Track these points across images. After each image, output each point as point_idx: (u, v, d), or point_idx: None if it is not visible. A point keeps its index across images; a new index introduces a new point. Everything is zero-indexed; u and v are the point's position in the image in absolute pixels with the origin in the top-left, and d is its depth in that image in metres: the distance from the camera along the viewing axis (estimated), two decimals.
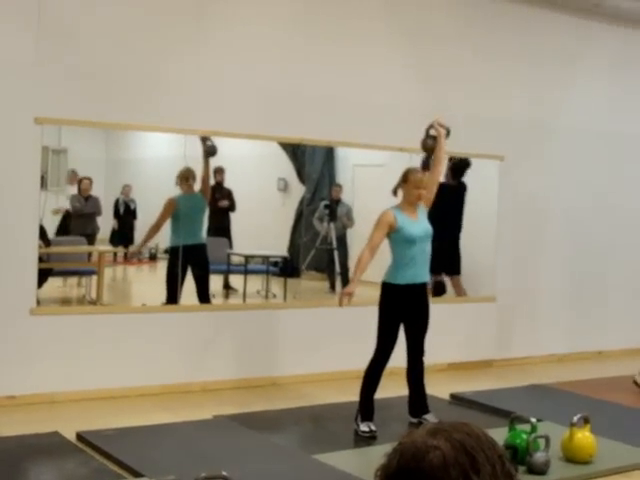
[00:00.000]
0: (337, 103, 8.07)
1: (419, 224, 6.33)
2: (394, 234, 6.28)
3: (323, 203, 10.12)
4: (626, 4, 9.48)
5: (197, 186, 8.39)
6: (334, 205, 10.14)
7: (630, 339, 9.70)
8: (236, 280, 9.93)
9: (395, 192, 6.47)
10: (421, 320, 6.43)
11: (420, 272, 6.35)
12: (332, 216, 10.06)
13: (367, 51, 8.23)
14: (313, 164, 9.98)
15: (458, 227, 9.34)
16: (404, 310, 6.33)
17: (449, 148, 7.91)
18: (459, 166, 9.28)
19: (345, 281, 8.53)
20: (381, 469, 1.45)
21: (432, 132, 6.69)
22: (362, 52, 8.19)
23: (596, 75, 9.90)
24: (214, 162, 8.71)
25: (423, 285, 6.41)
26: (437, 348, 7.60)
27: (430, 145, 6.68)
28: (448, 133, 6.70)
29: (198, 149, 8.14)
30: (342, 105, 8.09)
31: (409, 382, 6.58)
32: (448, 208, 9.10)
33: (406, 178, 6.36)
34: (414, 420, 6.54)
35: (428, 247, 6.41)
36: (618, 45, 10.03)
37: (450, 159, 9.02)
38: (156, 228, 8.51)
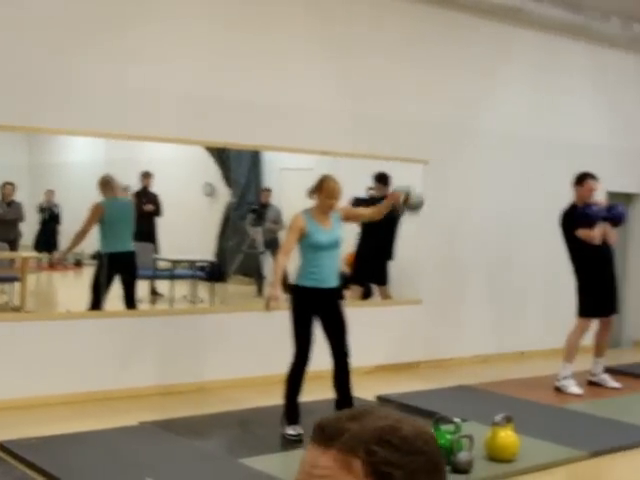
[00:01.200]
0: (261, 107, 8.08)
1: (329, 232, 6.37)
2: (302, 239, 6.34)
3: (248, 207, 10.11)
4: (545, 11, 9.66)
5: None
6: (262, 209, 10.14)
7: (550, 340, 9.86)
8: (163, 285, 9.87)
9: (310, 196, 6.48)
10: (334, 321, 6.47)
11: (327, 277, 6.40)
12: (258, 220, 10.06)
13: (291, 56, 8.25)
14: (240, 168, 9.96)
15: (389, 242, 9.40)
16: (313, 312, 6.40)
17: (372, 151, 8.01)
18: (383, 176, 9.36)
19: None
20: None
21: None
22: (286, 57, 8.21)
23: (518, 80, 10.07)
24: (141, 167, 8.65)
25: (331, 290, 6.46)
26: (364, 351, 7.67)
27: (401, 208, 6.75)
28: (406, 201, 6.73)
29: (122, 153, 8.08)
30: (266, 109, 8.11)
31: (335, 384, 6.60)
32: (380, 223, 9.19)
33: (320, 187, 6.37)
34: None
35: (337, 254, 6.49)
36: (539, 51, 10.21)
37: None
38: (82, 234, 8.41)
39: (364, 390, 7.50)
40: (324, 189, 6.31)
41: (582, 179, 8.42)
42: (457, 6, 9.28)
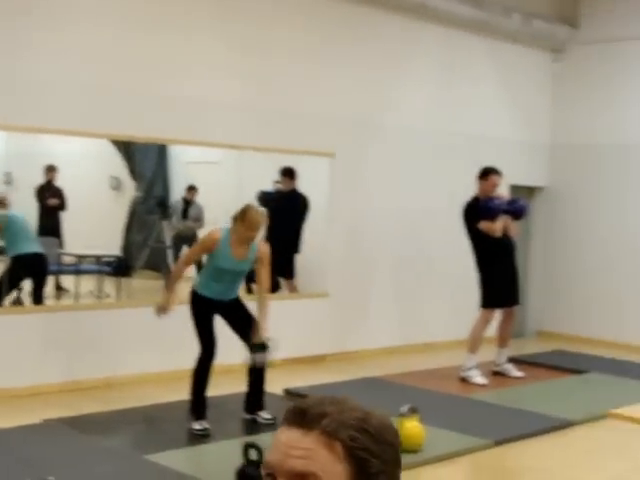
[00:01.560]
0: (167, 100, 8.00)
1: (237, 263, 6.26)
2: (210, 254, 6.31)
3: (155, 201, 10.06)
4: (449, 7, 9.79)
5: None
6: (185, 206, 10.12)
7: (455, 331, 10.02)
8: (68, 280, 9.73)
9: (232, 223, 6.26)
10: (240, 318, 6.48)
11: (224, 293, 6.40)
12: (165, 214, 10.01)
13: (197, 49, 8.19)
14: (146, 162, 9.91)
15: (296, 235, 9.45)
16: (214, 313, 6.42)
17: (280, 145, 8.03)
18: (289, 170, 9.41)
19: None
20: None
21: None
22: (192, 50, 8.14)
23: (423, 75, 10.18)
24: (45, 160, 8.52)
25: (230, 300, 6.46)
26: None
27: (260, 360, 6.46)
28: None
29: (25, 146, 7.94)
30: (172, 102, 8.02)
31: (249, 377, 6.60)
32: (287, 215, 9.24)
33: (243, 216, 6.15)
34: (248, 417, 6.60)
35: (240, 277, 6.47)
36: (444, 46, 10.34)
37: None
38: None
39: (272, 383, 7.49)
40: (246, 220, 6.11)
41: (486, 173, 8.58)
42: (362, 1, 9.34)
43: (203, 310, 6.36)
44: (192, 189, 10.33)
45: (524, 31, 10.87)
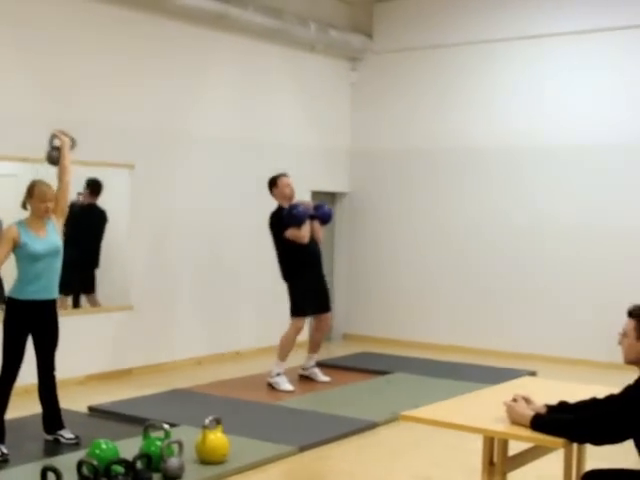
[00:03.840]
0: None
1: (46, 240, 6.19)
2: (18, 250, 6.12)
3: None
4: (247, 17, 9.86)
5: None
6: None
7: (266, 338, 10.09)
8: None
9: (25, 206, 6.29)
10: (49, 335, 6.32)
11: (46, 288, 6.22)
12: None
13: None
14: None
15: (95, 249, 9.27)
16: (29, 326, 6.21)
17: (78, 157, 7.82)
18: (95, 184, 9.22)
19: None
20: None
21: (56, 143, 6.56)
22: None
23: (224, 84, 10.20)
24: None
25: (50, 301, 6.28)
26: (73, 361, 7.51)
27: (55, 156, 6.54)
28: (73, 143, 6.61)
29: None
30: None
31: (41, 399, 6.42)
32: (85, 230, 9.04)
33: (31, 192, 6.21)
34: (49, 437, 6.42)
35: (57, 263, 6.28)
36: (243, 55, 10.40)
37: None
38: None
39: (75, 402, 7.35)
40: (35, 193, 6.17)
41: (274, 181, 8.70)
42: (159, 12, 9.26)
43: (19, 323, 6.14)
44: None
45: (321, 40, 11.08)
